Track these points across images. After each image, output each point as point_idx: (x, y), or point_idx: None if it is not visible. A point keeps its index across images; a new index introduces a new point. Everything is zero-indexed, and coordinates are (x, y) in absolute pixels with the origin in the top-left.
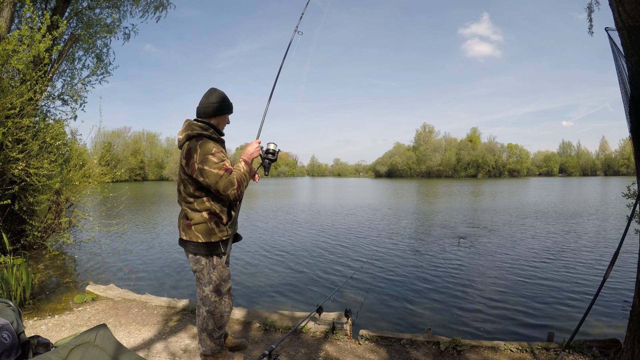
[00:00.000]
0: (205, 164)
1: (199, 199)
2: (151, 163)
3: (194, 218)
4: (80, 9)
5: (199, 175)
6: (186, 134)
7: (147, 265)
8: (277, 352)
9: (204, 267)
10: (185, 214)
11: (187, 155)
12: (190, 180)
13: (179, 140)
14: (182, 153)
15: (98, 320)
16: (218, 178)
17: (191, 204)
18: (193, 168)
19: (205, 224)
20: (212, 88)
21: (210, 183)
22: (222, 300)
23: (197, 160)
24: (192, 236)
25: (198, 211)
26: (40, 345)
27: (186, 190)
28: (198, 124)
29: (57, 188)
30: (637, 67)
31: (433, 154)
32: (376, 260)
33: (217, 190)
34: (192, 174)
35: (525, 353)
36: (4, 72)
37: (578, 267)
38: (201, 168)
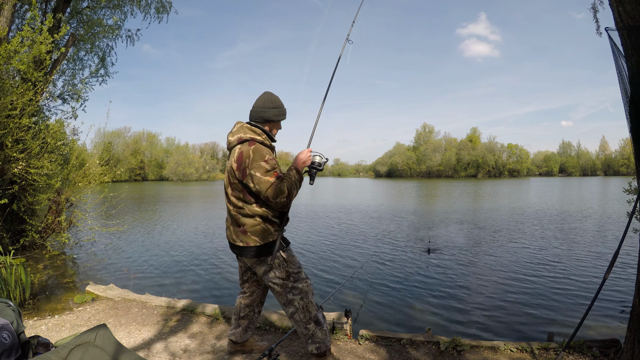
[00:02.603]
0: (257, 170)
1: (249, 204)
2: (151, 163)
3: (246, 224)
4: (80, 9)
5: (250, 180)
6: (238, 137)
7: (147, 265)
8: (277, 352)
9: (273, 265)
10: (236, 221)
11: (239, 159)
12: (240, 184)
13: (229, 142)
14: (233, 156)
15: (98, 320)
16: (269, 185)
17: (241, 210)
18: (244, 173)
19: (260, 225)
20: (268, 92)
21: (261, 190)
22: (307, 282)
23: (248, 166)
24: (249, 241)
25: (250, 216)
26: (40, 345)
27: (235, 195)
28: (252, 128)
29: (58, 188)
30: (637, 67)
31: (433, 154)
32: (376, 260)
33: (266, 197)
34: (243, 179)
35: (525, 353)
36: (5, 72)
37: (578, 267)
38: (252, 174)
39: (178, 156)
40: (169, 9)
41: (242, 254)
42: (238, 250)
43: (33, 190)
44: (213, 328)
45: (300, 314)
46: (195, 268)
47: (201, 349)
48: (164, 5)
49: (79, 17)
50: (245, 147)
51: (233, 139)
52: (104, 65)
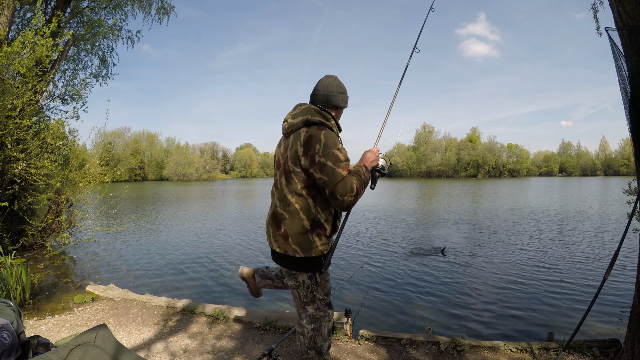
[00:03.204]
0: (329, 158)
1: (304, 199)
2: (151, 163)
3: (291, 227)
4: (81, 9)
5: (317, 170)
6: (304, 119)
7: (147, 265)
8: (277, 352)
9: (301, 285)
10: (279, 221)
11: (307, 144)
12: (303, 173)
13: (290, 125)
14: (299, 140)
15: (98, 320)
16: (340, 179)
17: (290, 206)
18: (312, 160)
19: (306, 235)
20: (332, 75)
21: (329, 182)
22: (327, 313)
23: (319, 152)
24: (288, 249)
25: (298, 217)
26: (40, 345)
27: (291, 186)
28: (320, 111)
29: (58, 188)
30: (637, 67)
31: (433, 154)
32: (376, 260)
33: (332, 192)
34: (309, 168)
35: (525, 353)
36: (5, 73)
37: (578, 267)
38: (323, 163)
39: (178, 156)
40: (169, 11)
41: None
42: (276, 257)
43: (33, 190)
44: (213, 328)
45: (306, 339)
46: (195, 268)
47: (201, 349)
48: (165, 7)
49: (79, 17)
50: (315, 130)
51: (296, 121)
52: (106, 65)
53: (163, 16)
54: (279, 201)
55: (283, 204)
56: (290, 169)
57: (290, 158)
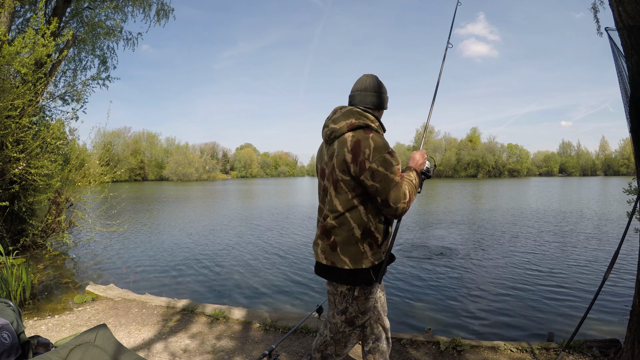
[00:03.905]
0: (381, 164)
1: (355, 209)
2: (151, 163)
3: (341, 236)
4: (81, 10)
5: (369, 177)
6: (348, 123)
7: (147, 265)
8: (277, 352)
9: (338, 294)
10: (328, 231)
11: (355, 150)
12: (352, 182)
13: (332, 130)
14: (346, 146)
15: (98, 320)
16: (393, 185)
17: (341, 216)
18: (363, 167)
19: (357, 245)
20: (372, 74)
21: (381, 190)
22: (353, 333)
23: (369, 158)
24: (337, 260)
25: (348, 226)
26: (40, 345)
27: (341, 196)
28: (364, 113)
29: (58, 188)
30: (637, 67)
31: (433, 154)
32: None
33: (385, 200)
34: (360, 175)
35: (525, 353)
36: (6, 73)
37: (578, 267)
38: (374, 169)
39: (178, 156)
40: (168, 13)
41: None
42: (323, 271)
43: (33, 191)
44: (213, 328)
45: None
46: (195, 268)
47: (201, 349)
48: (165, 9)
49: (79, 17)
50: (362, 134)
51: (339, 126)
52: (106, 68)
53: (162, 18)
54: (330, 212)
55: (334, 215)
56: (339, 177)
57: (338, 166)
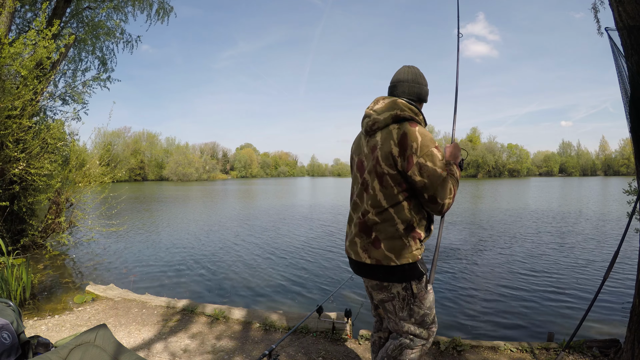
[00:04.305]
0: (429, 159)
1: (399, 204)
2: (151, 163)
3: (384, 232)
4: (81, 10)
5: (416, 172)
6: (393, 114)
7: (147, 265)
8: (277, 352)
9: (395, 296)
10: (368, 228)
11: (402, 143)
12: (399, 176)
13: (375, 121)
14: (392, 139)
15: (98, 320)
16: (440, 181)
17: (385, 212)
18: (410, 161)
19: (400, 239)
20: (413, 66)
21: (428, 185)
22: (429, 332)
23: (416, 152)
24: (381, 257)
25: (392, 222)
26: (40, 345)
27: (386, 191)
28: (409, 105)
29: (58, 188)
30: (637, 67)
31: None
32: None
33: (432, 196)
34: (408, 170)
35: (525, 353)
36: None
37: (578, 267)
38: (422, 163)
39: (178, 156)
40: (169, 11)
41: (366, 274)
42: (364, 269)
43: (33, 191)
44: (213, 328)
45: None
46: (195, 268)
47: (201, 349)
48: (164, 8)
49: (79, 17)
50: (408, 127)
51: (383, 117)
52: (106, 69)
53: (162, 17)
54: (372, 207)
55: (376, 210)
56: (385, 171)
57: (384, 159)
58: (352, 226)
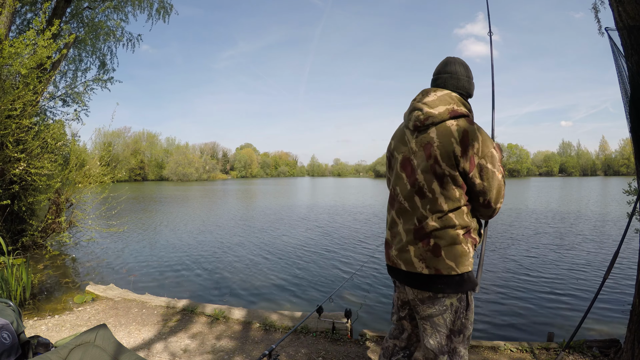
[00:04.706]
0: (490, 160)
1: (460, 209)
2: (151, 163)
3: (445, 238)
4: (81, 10)
5: (477, 175)
6: (450, 109)
7: (147, 265)
8: (277, 352)
9: (448, 308)
10: (426, 233)
11: (465, 141)
12: (460, 178)
13: (428, 115)
14: (452, 136)
15: (98, 320)
16: (497, 185)
17: (445, 217)
18: (472, 162)
19: (461, 246)
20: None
21: (488, 189)
22: (466, 348)
23: (478, 153)
24: (441, 267)
25: (453, 228)
26: (40, 345)
27: (447, 193)
28: (462, 99)
29: (58, 188)
30: (637, 67)
31: None
32: (376, 260)
33: (487, 200)
34: (470, 171)
35: (525, 353)
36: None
37: (578, 267)
38: (483, 165)
39: (178, 156)
40: (169, 10)
41: (419, 286)
42: (414, 280)
43: (33, 191)
44: (213, 328)
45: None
46: (195, 268)
47: (201, 349)
48: (165, 7)
49: (79, 17)
50: (466, 124)
51: (438, 111)
52: (106, 70)
53: (164, 16)
54: (431, 212)
55: (437, 215)
56: (446, 172)
57: (444, 159)
58: (402, 232)
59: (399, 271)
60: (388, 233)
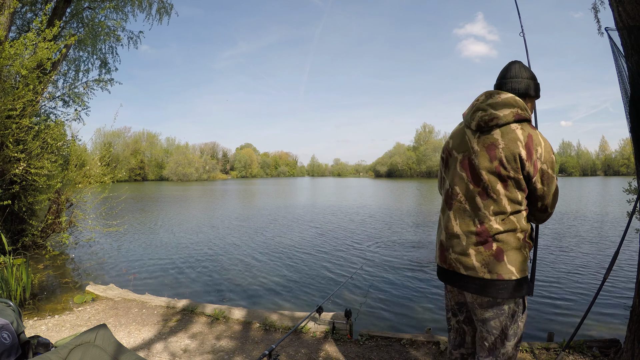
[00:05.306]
0: (550, 166)
1: (520, 212)
2: (151, 163)
3: (508, 242)
4: (80, 10)
5: (539, 179)
6: (515, 112)
7: (147, 265)
8: (277, 352)
9: (505, 312)
10: (490, 236)
11: (529, 146)
12: (523, 182)
13: (492, 117)
14: (519, 139)
15: (98, 320)
16: (556, 189)
17: (507, 220)
18: (535, 167)
19: (520, 250)
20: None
21: (546, 194)
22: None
23: (541, 158)
24: (503, 271)
25: (515, 232)
26: (40, 345)
27: (510, 195)
28: (526, 105)
29: (58, 188)
30: (637, 67)
31: (433, 154)
32: (376, 260)
33: (545, 205)
34: (533, 176)
35: (525, 353)
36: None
37: (578, 267)
38: (545, 170)
39: (178, 156)
40: (169, 10)
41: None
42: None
43: (33, 191)
44: (213, 328)
45: None
46: (195, 268)
47: (201, 349)
48: (165, 7)
49: (79, 17)
50: (530, 129)
51: (503, 114)
52: (108, 70)
53: (163, 15)
54: (495, 214)
55: (500, 217)
56: (511, 174)
57: (509, 161)
58: (462, 234)
59: (456, 275)
60: (443, 234)
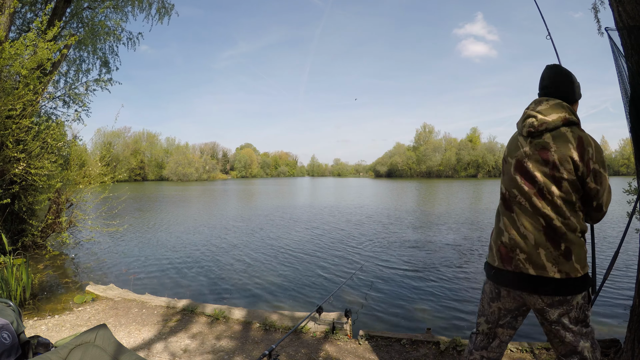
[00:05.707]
0: (602, 166)
1: (578, 212)
2: (151, 163)
3: (574, 242)
4: (80, 10)
5: (592, 179)
6: (563, 117)
7: (147, 265)
8: (277, 352)
9: (574, 307)
10: (558, 237)
11: (581, 147)
12: (577, 183)
13: (543, 122)
14: (569, 142)
15: (98, 320)
16: (609, 188)
17: (569, 220)
18: (588, 167)
19: (583, 248)
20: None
21: (601, 193)
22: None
23: (592, 158)
24: (571, 270)
25: (576, 231)
26: (40, 345)
27: (566, 197)
28: (573, 109)
29: (58, 188)
30: (637, 67)
31: (433, 154)
32: (376, 260)
33: (599, 204)
34: (586, 176)
35: (525, 353)
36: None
37: None
38: (597, 170)
39: (178, 156)
40: (169, 10)
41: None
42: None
43: (33, 191)
44: (213, 328)
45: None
46: (195, 268)
47: (201, 349)
48: (165, 7)
49: (79, 17)
50: (580, 131)
51: (552, 118)
52: (109, 70)
53: (164, 15)
54: (557, 215)
55: (563, 219)
56: (565, 176)
57: (562, 163)
58: (528, 234)
59: (523, 276)
60: (506, 235)
